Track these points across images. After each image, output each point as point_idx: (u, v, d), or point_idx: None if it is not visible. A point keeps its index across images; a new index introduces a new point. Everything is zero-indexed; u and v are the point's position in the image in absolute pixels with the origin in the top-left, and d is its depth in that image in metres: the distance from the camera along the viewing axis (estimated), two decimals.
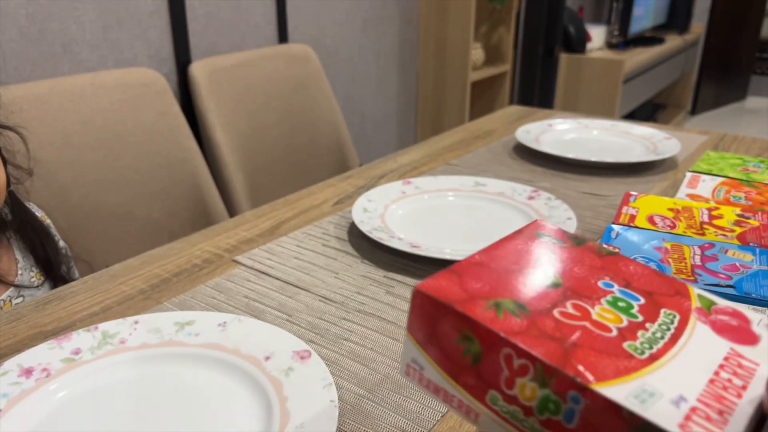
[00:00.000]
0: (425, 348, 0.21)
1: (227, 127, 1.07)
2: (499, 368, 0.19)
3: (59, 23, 0.94)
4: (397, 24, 1.70)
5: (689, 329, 0.20)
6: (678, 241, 0.47)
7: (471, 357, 0.19)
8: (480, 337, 0.19)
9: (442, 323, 0.20)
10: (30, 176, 0.66)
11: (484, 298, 0.20)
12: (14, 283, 0.57)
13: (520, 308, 0.20)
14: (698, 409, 0.16)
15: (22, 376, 0.35)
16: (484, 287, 0.21)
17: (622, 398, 0.16)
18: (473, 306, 0.20)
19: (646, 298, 0.21)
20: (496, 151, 0.81)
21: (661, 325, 0.20)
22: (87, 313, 0.43)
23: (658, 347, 0.19)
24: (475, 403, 0.20)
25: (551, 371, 0.17)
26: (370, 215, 0.56)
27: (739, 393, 0.17)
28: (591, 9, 2.89)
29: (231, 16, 1.21)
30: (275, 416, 0.32)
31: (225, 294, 0.45)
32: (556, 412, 0.17)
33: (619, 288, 0.22)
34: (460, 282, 0.21)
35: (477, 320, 0.19)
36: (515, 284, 0.21)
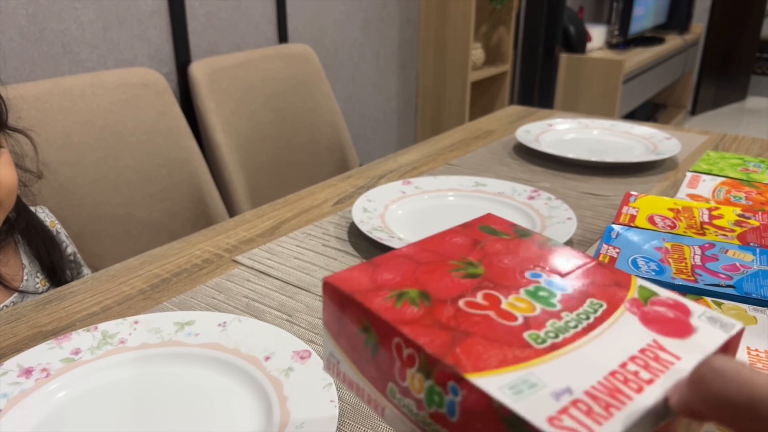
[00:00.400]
0: (337, 340, 0.21)
1: (227, 126, 1.07)
2: (392, 358, 0.18)
3: (59, 23, 0.94)
4: (397, 24, 1.70)
5: (613, 319, 0.19)
6: (678, 241, 0.47)
7: (371, 348, 0.19)
8: (375, 327, 0.19)
9: (346, 314, 0.20)
10: (39, 179, 0.66)
11: (389, 289, 0.20)
12: (19, 288, 0.56)
13: (423, 298, 0.19)
14: (581, 401, 0.16)
15: (21, 376, 0.35)
16: (395, 278, 0.20)
17: (495, 389, 0.16)
18: (374, 296, 0.19)
19: (575, 288, 0.21)
20: (496, 151, 0.81)
21: (581, 314, 0.19)
22: (87, 313, 0.43)
23: (565, 336, 0.18)
24: (380, 396, 0.19)
25: (433, 361, 0.17)
26: (370, 215, 0.56)
27: (641, 387, 0.16)
28: (591, 9, 2.89)
29: (231, 16, 1.21)
30: (275, 416, 0.32)
31: (225, 294, 0.45)
32: (441, 404, 0.17)
33: (547, 278, 0.21)
34: (372, 273, 0.21)
35: (372, 309, 0.19)
36: (429, 275, 0.21)
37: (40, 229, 0.60)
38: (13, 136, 0.59)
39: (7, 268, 0.57)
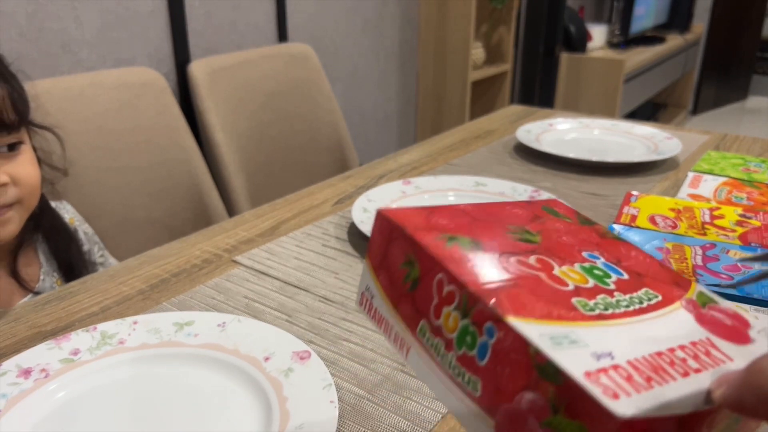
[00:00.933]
0: (377, 273, 0.20)
1: (227, 126, 1.07)
2: (431, 295, 0.18)
3: (58, 23, 0.94)
4: (397, 24, 1.70)
5: (667, 310, 0.19)
6: (679, 242, 0.47)
7: (411, 282, 0.19)
8: (420, 261, 0.18)
9: (393, 246, 0.20)
10: (65, 176, 0.65)
11: (441, 231, 0.19)
12: (35, 289, 0.56)
13: (473, 245, 0.19)
14: (622, 367, 0.15)
15: (21, 376, 0.34)
16: (450, 224, 0.20)
17: (535, 334, 0.15)
18: (426, 234, 0.19)
19: (632, 277, 0.20)
20: (496, 151, 0.81)
21: (634, 298, 0.19)
22: (86, 313, 0.43)
23: (614, 311, 0.17)
24: (408, 335, 0.19)
25: (474, 299, 0.17)
26: (370, 215, 0.56)
27: (687, 372, 0.16)
28: (592, 8, 2.88)
29: (230, 16, 1.20)
30: (275, 417, 0.31)
31: (224, 294, 0.45)
32: (472, 345, 0.17)
33: (604, 261, 0.20)
34: (428, 215, 0.20)
35: (421, 243, 0.18)
36: (484, 230, 0.20)
37: (61, 229, 0.60)
38: (40, 134, 0.58)
39: (28, 268, 0.56)
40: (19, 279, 0.55)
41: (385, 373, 0.37)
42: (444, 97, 1.81)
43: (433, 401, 0.34)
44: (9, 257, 0.55)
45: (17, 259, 0.55)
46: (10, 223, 0.52)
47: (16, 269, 0.55)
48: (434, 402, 0.34)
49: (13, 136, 0.52)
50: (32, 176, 0.54)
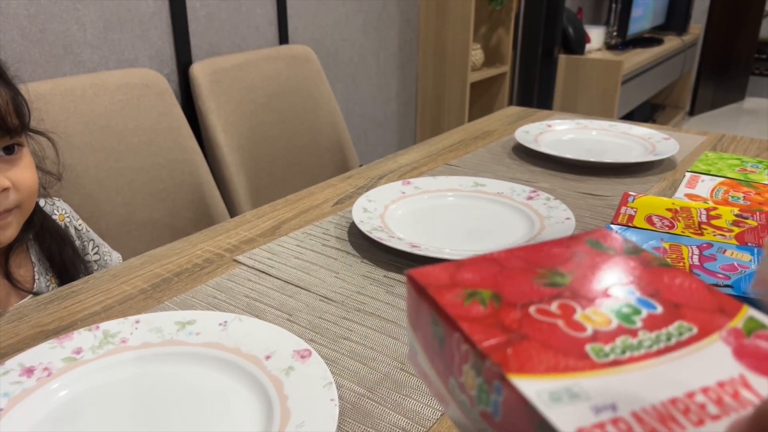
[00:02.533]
0: (415, 331, 0.21)
1: (228, 127, 1.07)
2: (453, 353, 0.18)
3: (60, 24, 0.94)
4: (397, 25, 1.70)
5: (698, 346, 0.17)
6: (676, 241, 0.47)
7: (438, 340, 0.19)
8: (441, 320, 0.19)
9: (421, 306, 0.20)
10: (59, 181, 0.65)
11: (463, 287, 0.20)
12: (32, 290, 0.56)
13: (494, 299, 0.19)
14: (623, 420, 0.14)
15: (23, 375, 0.35)
16: (474, 278, 0.20)
17: (532, 392, 0.15)
18: (447, 292, 0.20)
19: (668, 309, 0.19)
20: (495, 152, 0.81)
21: (661, 335, 0.18)
22: (88, 312, 0.44)
23: (632, 354, 0.17)
24: (444, 391, 0.19)
25: (483, 357, 0.17)
26: (370, 215, 0.56)
27: (702, 420, 0.15)
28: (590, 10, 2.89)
29: (232, 17, 1.21)
30: (276, 415, 0.32)
31: (226, 293, 0.46)
32: (487, 402, 0.17)
33: (639, 296, 0.20)
34: (454, 272, 0.21)
35: (440, 303, 0.19)
36: (509, 279, 0.21)
37: (53, 230, 0.60)
38: (34, 138, 0.59)
39: (21, 270, 0.57)
40: (12, 280, 0.55)
41: (385, 371, 0.37)
42: (443, 98, 1.82)
43: (433, 399, 0.35)
44: (1, 259, 0.56)
45: (9, 261, 0.56)
46: (9, 228, 0.53)
47: (9, 271, 0.55)
48: (433, 400, 0.35)
49: (14, 140, 0.53)
50: (31, 181, 0.54)
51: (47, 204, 0.62)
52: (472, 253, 0.49)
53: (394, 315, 0.43)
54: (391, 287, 0.47)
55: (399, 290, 0.46)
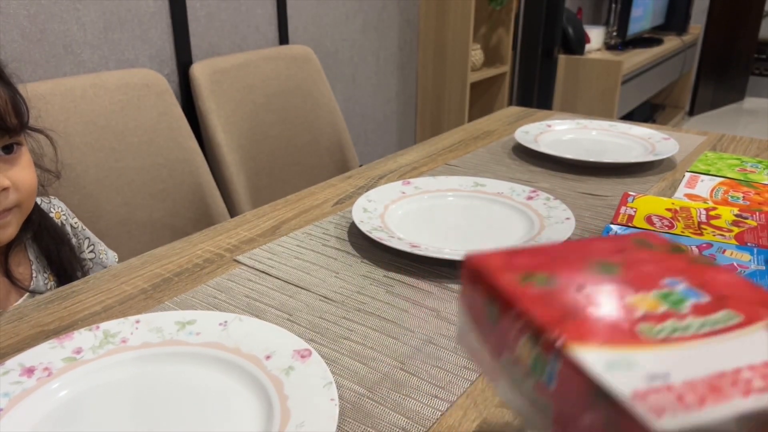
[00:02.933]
0: (469, 312, 0.22)
1: (228, 127, 1.07)
2: (509, 329, 0.19)
3: (60, 24, 0.94)
4: (396, 25, 1.70)
5: (743, 332, 0.18)
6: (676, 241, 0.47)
7: (492, 319, 0.20)
8: (498, 300, 0.20)
9: (477, 288, 0.21)
10: (57, 179, 0.66)
11: (519, 270, 0.21)
12: (29, 288, 0.57)
13: (548, 281, 0.20)
14: (675, 387, 0.15)
15: (23, 375, 0.35)
16: (531, 263, 0.21)
17: (590, 360, 0.16)
18: (503, 274, 0.21)
19: (714, 299, 0.20)
20: (495, 152, 0.81)
21: (707, 321, 0.18)
22: (88, 312, 0.44)
23: (680, 335, 0.18)
24: (496, 367, 0.20)
25: (540, 330, 0.18)
26: (370, 215, 0.56)
27: (749, 391, 0.15)
28: (590, 10, 2.89)
29: (232, 18, 1.21)
30: (276, 415, 0.32)
31: (226, 293, 0.46)
32: (542, 372, 0.18)
33: (687, 286, 0.20)
34: (509, 257, 0.22)
35: (497, 284, 0.20)
36: (562, 265, 0.21)
37: (50, 229, 0.60)
38: (32, 136, 0.59)
39: (20, 268, 0.57)
40: (11, 278, 0.55)
41: (385, 371, 0.37)
42: (443, 98, 1.82)
43: (432, 399, 0.35)
44: (0, 258, 0.56)
45: (8, 259, 0.56)
46: (9, 227, 0.53)
47: (8, 269, 0.55)
48: (433, 400, 0.35)
49: (13, 140, 0.53)
50: (30, 180, 0.54)
51: (44, 202, 0.62)
52: None
53: (394, 315, 0.43)
54: (391, 287, 0.47)
55: (399, 290, 0.46)
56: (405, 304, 0.44)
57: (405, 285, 0.47)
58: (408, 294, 0.46)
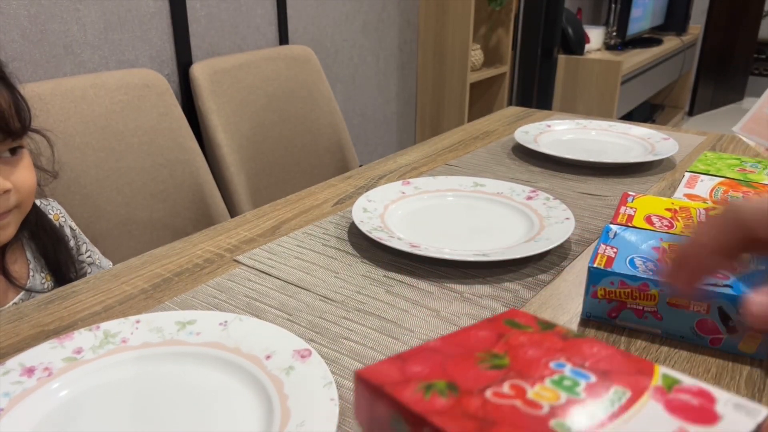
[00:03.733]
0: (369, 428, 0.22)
1: (228, 127, 1.07)
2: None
3: (61, 24, 0.94)
4: (396, 25, 1.71)
5: (638, 407, 0.20)
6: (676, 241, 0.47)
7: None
8: (406, 418, 0.20)
9: (377, 406, 0.21)
10: (54, 179, 0.66)
11: (418, 381, 0.21)
12: (26, 287, 0.57)
13: (450, 389, 0.20)
14: None
15: (24, 375, 0.35)
16: (424, 370, 0.22)
17: None
18: (404, 388, 0.20)
19: (599, 377, 0.21)
20: (494, 152, 0.81)
21: (605, 401, 0.20)
22: (89, 312, 0.44)
23: (591, 423, 0.19)
24: None
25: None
26: (369, 215, 0.56)
27: None
28: (589, 10, 2.90)
29: (232, 18, 1.21)
30: (276, 415, 0.32)
31: (226, 293, 0.46)
32: None
33: (571, 368, 0.22)
34: (401, 366, 0.22)
35: (402, 401, 0.20)
36: (456, 367, 0.22)
37: (48, 228, 0.61)
38: (30, 136, 0.59)
39: (16, 266, 0.57)
40: (8, 276, 0.55)
41: None
42: (443, 98, 1.82)
43: None
44: None
45: (5, 257, 0.56)
46: (8, 228, 0.53)
47: (4, 267, 0.56)
48: None
49: (15, 143, 0.53)
50: (30, 182, 0.55)
51: (42, 205, 0.63)
52: (472, 253, 0.49)
53: (394, 315, 0.43)
54: (391, 287, 0.47)
55: (399, 290, 0.47)
56: (405, 304, 0.44)
57: (405, 285, 0.47)
58: (408, 294, 0.46)
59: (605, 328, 0.41)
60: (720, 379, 0.36)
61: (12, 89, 0.53)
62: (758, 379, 0.36)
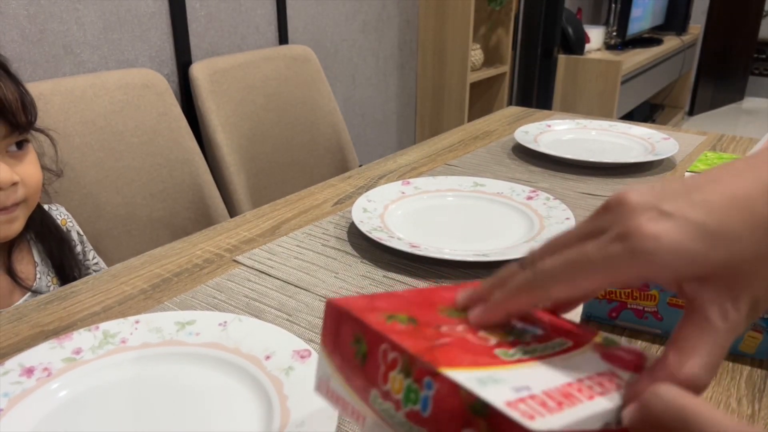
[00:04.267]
0: (332, 357, 0.23)
1: (228, 127, 1.07)
2: (378, 365, 0.21)
3: (60, 24, 0.94)
4: (396, 25, 1.70)
5: (577, 352, 0.22)
6: None
7: (360, 357, 0.22)
8: (366, 337, 0.21)
9: (342, 329, 0.23)
10: (58, 177, 0.67)
11: (382, 311, 0.23)
12: (32, 288, 0.57)
13: (410, 321, 0.22)
14: (537, 396, 0.18)
15: (23, 375, 0.35)
16: (389, 306, 0.23)
17: (463, 379, 0.18)
18: (369, 314, 0.22)
19: (547, 331, 0.24)
20: (494, 152, 0.81)
21: (548, 346, 0.22)
22: (88, 312, 0.44)
23: (530, 356, 0.21)
24: (362, 406, 0.21)
25: (413, 360, 0.19)
26: (369, 215, 0.56)
27: (593, 396, 0.19)
28: (589, 10, 2.90)
29: (231, 17, 1.21)
30: (276, 415, 0.32)
31: (225, 294, 0.46)
32: (416, 400, 0.19)
33: (523, 324, 0.24)
34: (370, 301, 0.24)
35: (365, 321, 0.21)
36: (418, 309, 0.24)
37: (53, 228, 0.61)
38: (34, 135, 0.59)
39: (22, 266, 0.57)
40: (15, 277, 0.56)
41: None
42: (443, 98, 1.82)
43: None
44: (4, 255, 0.56)
45: (11, 258, 0.56)
46: (16, 221, 0.54)
47: (11, 267, 0.56)
48: None
49: (22, 136, 0.54)
50: (37, 176, 0.56)
51: (50, 209, 0.63)
52: (472, 253, 0.49)
53: None
54: (391, 287, 0.47)
55: (399, 290, 0.46)
56: None
57: (405, 285, 0.47)
58: None
59: (605, 328, 0.41)
60: (720, 380, 0.36)
61: (18, 84, 0.53)
62: (758, 379, 0.36)
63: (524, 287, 0.22)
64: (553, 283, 0.21)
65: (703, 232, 0.19)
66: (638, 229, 0.19)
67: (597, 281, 0.20)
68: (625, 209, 0.20)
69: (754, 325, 0.37)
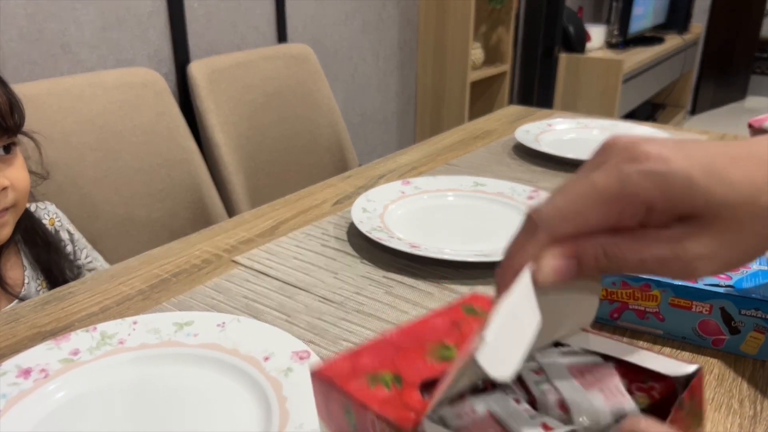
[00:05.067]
0: (328, 425, 0.23)
1: (226, 127, 1.07)
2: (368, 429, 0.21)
3: (58, 23, 0.94)
4: (396, 24, 1.70)
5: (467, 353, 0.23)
6: None
7: (352, 427, 0.22)
8: (353, 408, 0.22)
9: (331, 400, 0.23)
10: (44, 180, 0.66)
11: (366, 373, 0.23)
12: (20, 295, 0.56)
13: (395, 381, 0.22)
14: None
15: (20, 376, 0.35)
16: (374, 362, 0.23)
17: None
18: (352, 381, 0.22)
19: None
20: (495, 151, 0.81)
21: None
22: (86, 313, 0.43)
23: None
24: None
25: (397, 429, 0.20)
26: (369, 215, 0.56)
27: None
28: (590, 9, 2.89)
29: (230, 17, 1.21)
30: (274, 416, 0.32)
31: (224, 294, 0.45)
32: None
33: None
34: (354, 360, 0.23)
35: (350, 392, 0.22)
36: (404, 360, 0.23)
37: (41, 232, 0.60)
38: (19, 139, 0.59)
39: (11, 272, 0.57)
40: (3, 284, 0.55)
41: None
42: (443, 97, 1.82)
43: None
44: None
45: (0, 263, 0.56)
46: (6, 226, 0.54)
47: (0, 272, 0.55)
48: None
49: (11, 140, 0.53)
50: (25, 180, 0.56)
51: (38, 209, 0.62)
52: (472, 253, 0.48)
53: (393, 316, 0.43)
54: (391, 288, 0.47)
55: (399, 291, 0.46)
56: (405, 305, 0.44)
57: (405, 286, 0.47)
58: (408, 295, 0.45)
59: (607, 329, 0.41)
60: (722, 381, 0.36)
61: (6, 87, 0.53)
62: (760, 380, 0.36)
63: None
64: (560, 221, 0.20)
65: (710, 169, 0.19)
66: (646, 152, 0.19)
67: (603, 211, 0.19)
68: (628, 141, 0.20)
69: (757, 326, 0.37)
